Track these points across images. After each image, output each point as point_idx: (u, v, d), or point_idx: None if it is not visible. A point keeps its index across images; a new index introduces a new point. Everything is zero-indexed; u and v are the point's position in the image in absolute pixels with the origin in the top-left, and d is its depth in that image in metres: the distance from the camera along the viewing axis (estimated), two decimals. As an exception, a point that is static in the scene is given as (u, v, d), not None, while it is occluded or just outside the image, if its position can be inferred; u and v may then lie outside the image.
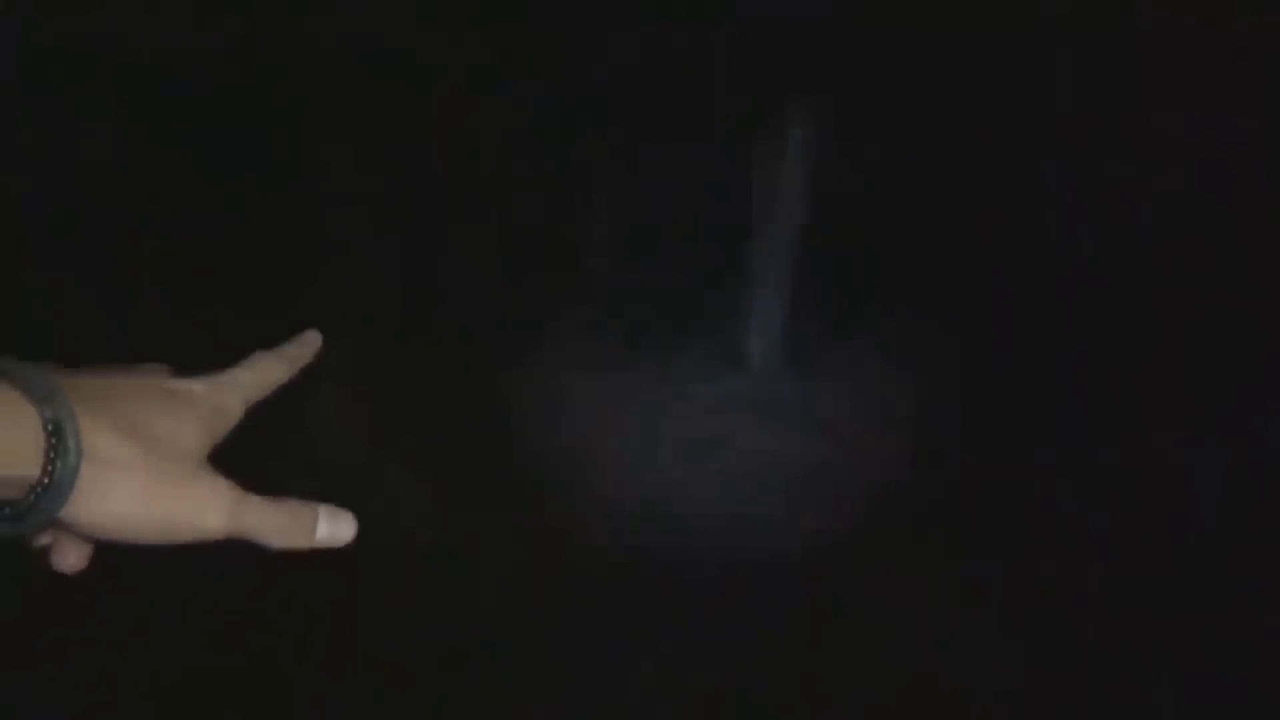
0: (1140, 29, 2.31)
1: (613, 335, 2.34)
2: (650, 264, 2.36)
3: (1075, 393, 2.29)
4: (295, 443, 2.25)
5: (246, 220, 2.32)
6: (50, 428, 0.71)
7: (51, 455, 0.71)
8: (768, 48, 2.36)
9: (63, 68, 2.31)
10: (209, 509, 0.80)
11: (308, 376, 0.96)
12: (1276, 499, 2.21)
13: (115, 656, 2.09)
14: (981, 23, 2.33)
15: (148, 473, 0.75)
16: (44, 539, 0.80)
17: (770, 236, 2.36)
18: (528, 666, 2.05)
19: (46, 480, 0.71)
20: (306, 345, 0.95)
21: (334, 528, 0.86)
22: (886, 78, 2.35)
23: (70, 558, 0.80)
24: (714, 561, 2.18)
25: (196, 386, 0.87)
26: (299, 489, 0.91)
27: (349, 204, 2.34)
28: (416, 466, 2.25)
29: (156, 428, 0.77)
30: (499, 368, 2.31)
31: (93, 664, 2.09)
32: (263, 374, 0.88)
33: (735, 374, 2.34)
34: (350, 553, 0.84)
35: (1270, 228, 2.30)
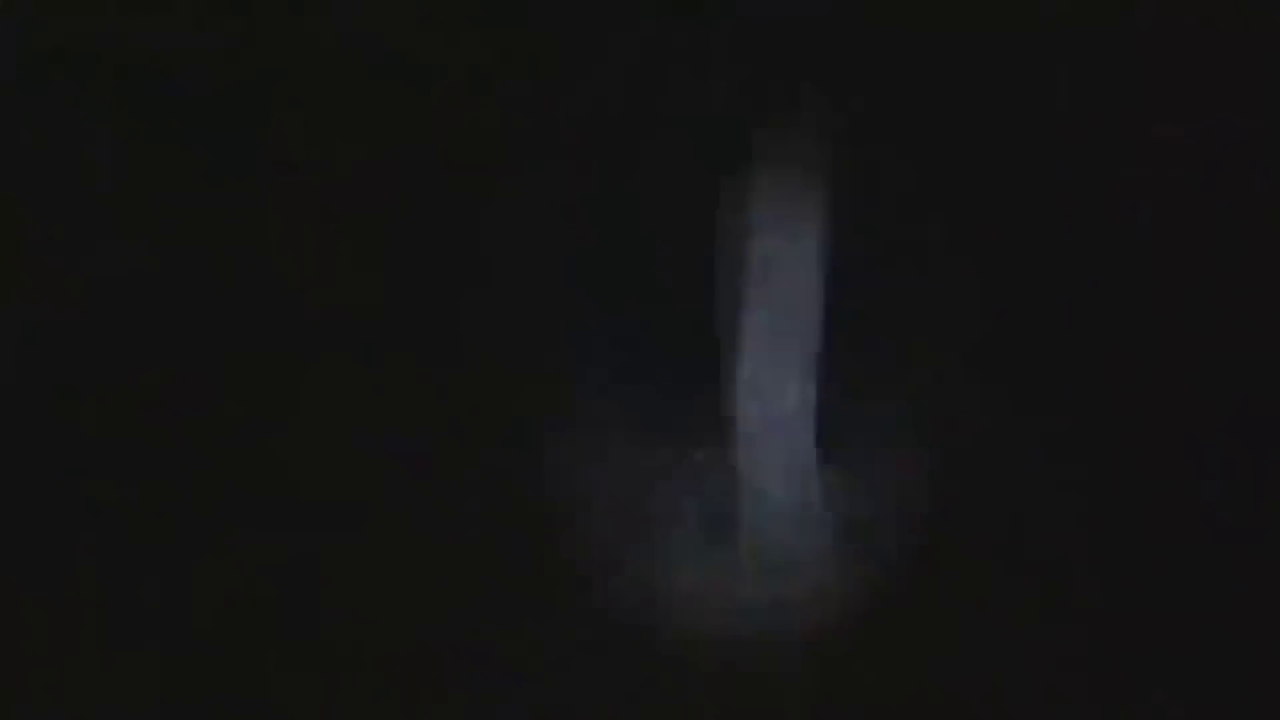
0: (1140, 29, 2.30)
1: (604, 335, 2.33)
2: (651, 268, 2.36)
3: (1079, 393, 2.29)
4: (295, 450, 2.24)
5: (245, 219, 2.32)
6: None
7: None
8: (768, 48, 2.36)
9: (63, 68, 2.31)
10: None
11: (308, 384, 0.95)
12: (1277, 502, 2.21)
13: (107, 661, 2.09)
14: (982, 22, 2.32)
15: None
16: None
17: (767, 236, 2.35)
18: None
19: None
20: None
21: None
22: (885, 77, 2.34)
23: None
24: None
25: None
26: (303, 504, 0.90)
27: (347, 203, 2.34)
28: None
29: None
30: (501, 369, 2.30)
31: (87, 668, 2.09)
32: None
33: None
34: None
35: (1271, 228, 2.30)
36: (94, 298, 2.26)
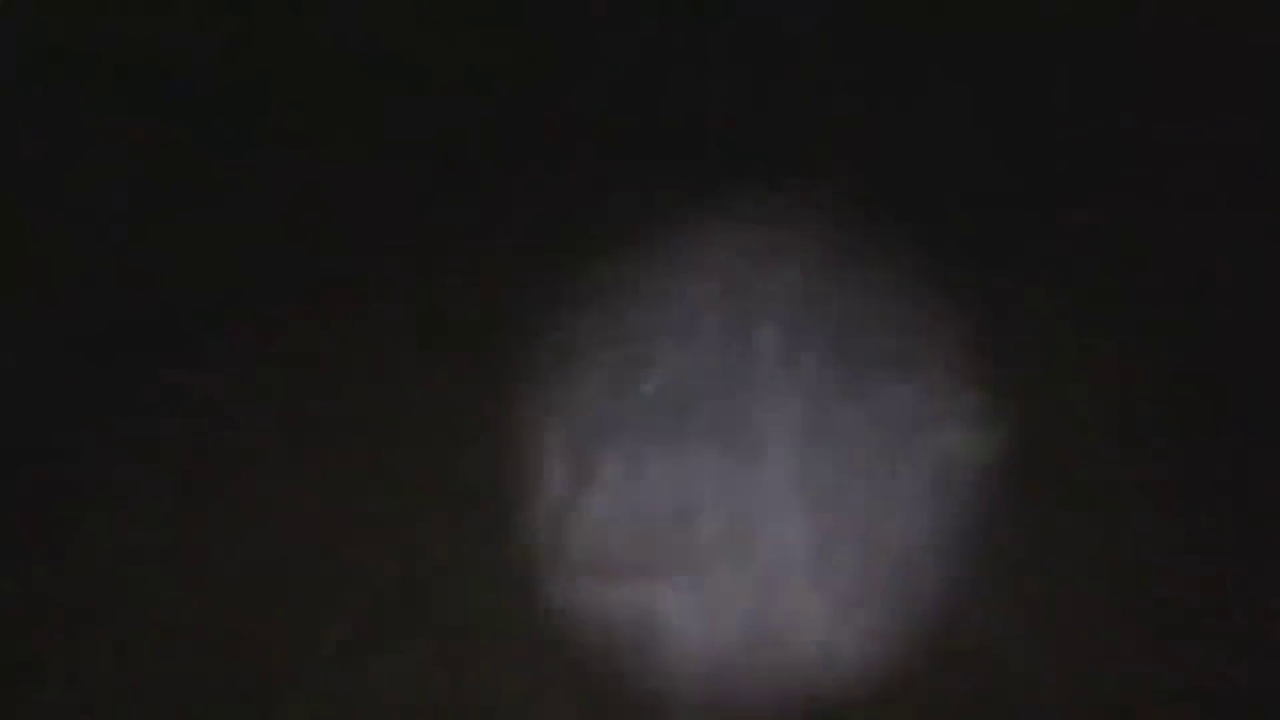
0: (1140, 29, 2.31)
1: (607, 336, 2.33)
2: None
3: (1081, 401, 2.28)
4: (291, 443, 2.25)
5: (245, 221, 2.32)
6: None
7: None
8: (767, 48, 2.36)
9: (63, 68, 2.31)
10: None
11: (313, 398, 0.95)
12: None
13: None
14: (981, 23, 2.33)
15: None
16: None
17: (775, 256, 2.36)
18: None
19: None
20: None
21: None
22: (883, 80, 2.35)
23: None
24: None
25: None
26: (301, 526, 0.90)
27: (347, 205, 2.34)
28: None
29: None
30: (502, 376, 2.30)
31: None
32: None
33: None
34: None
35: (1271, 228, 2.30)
36: (95, 297, 2.27)
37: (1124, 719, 2.08)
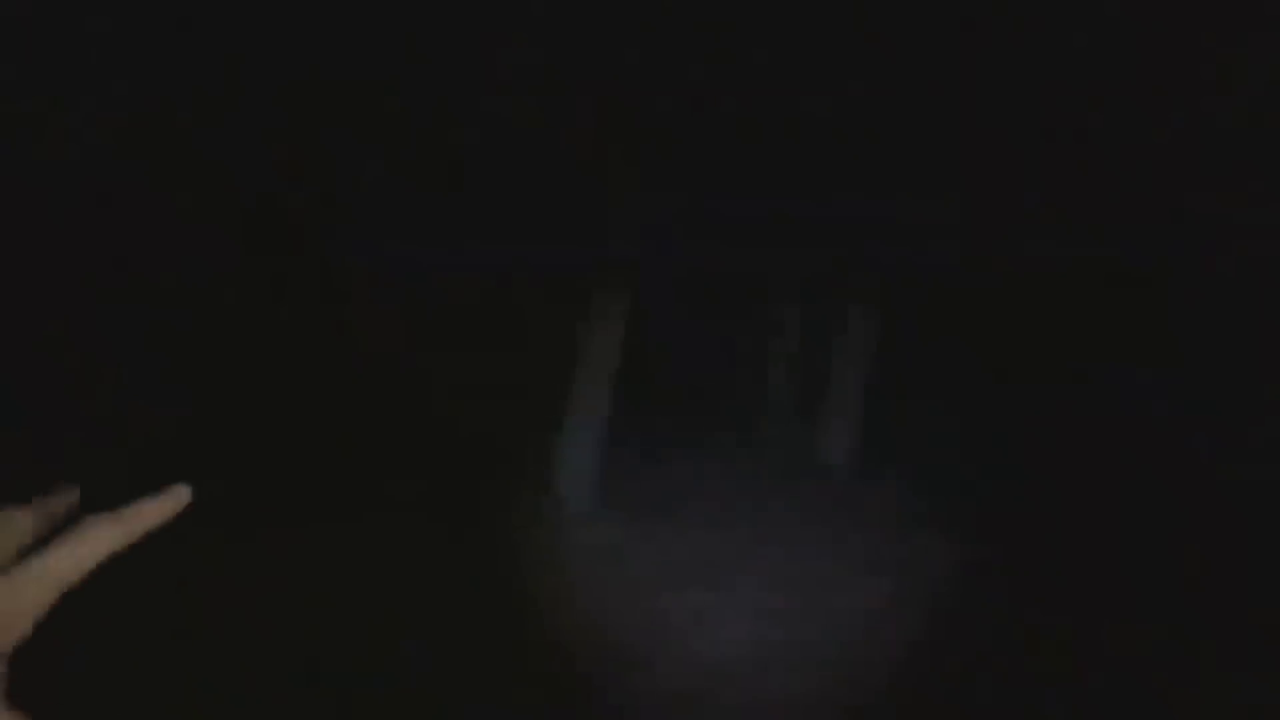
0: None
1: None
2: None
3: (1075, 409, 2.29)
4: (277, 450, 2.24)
5: (248, 223, 2.32)
6: None
7: None
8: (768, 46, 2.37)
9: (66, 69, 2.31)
10: None
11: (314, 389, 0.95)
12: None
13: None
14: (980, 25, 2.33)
15: None
16: None
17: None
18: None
19: None
20: (160, 506, 0.64)
21: None
22: (884, 82, 2.35)
23: None
24: None
25: None
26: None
27: (349, 211, 2.34)
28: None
29: None
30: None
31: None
32: (79, 555, 0.61)
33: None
34: None
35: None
36: (96, 297, 2.26)
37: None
